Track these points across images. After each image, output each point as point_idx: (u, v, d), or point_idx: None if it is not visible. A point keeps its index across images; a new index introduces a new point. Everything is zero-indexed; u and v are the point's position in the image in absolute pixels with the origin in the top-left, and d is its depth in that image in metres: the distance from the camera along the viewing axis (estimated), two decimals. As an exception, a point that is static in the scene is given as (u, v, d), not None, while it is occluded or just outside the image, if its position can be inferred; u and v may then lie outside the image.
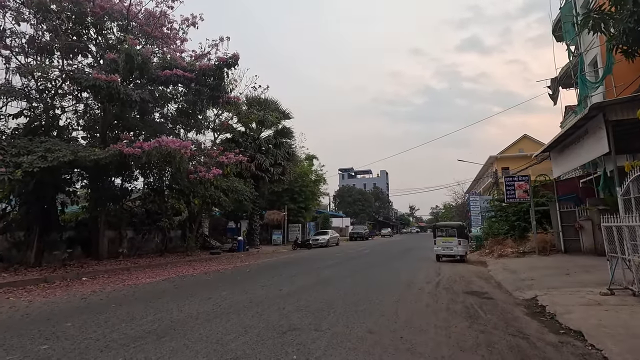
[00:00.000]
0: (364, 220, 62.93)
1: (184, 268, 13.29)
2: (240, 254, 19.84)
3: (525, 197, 14.91)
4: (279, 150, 23.54)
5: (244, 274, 11.48)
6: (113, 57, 11.39)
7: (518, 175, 15.69)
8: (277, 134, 24.26)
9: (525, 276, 9.48)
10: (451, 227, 15.20)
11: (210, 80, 13.25)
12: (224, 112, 20.43)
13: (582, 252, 13.76)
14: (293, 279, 9.99)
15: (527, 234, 17.21)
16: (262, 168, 22.25)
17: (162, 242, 19.65)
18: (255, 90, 21.17)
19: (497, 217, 18.99)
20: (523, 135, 50.42)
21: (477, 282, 9.45)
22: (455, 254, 14.55)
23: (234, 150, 16.44)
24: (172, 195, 17.26)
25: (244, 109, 21.62)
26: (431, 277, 10.19)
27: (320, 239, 27.85)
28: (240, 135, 22.95)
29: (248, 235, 24.00)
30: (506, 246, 16.47)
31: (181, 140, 10.98)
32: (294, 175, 30.27)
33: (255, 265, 14.18)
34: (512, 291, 7.84)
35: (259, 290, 8.16)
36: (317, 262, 14.93)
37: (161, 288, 8.82)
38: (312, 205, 32.36)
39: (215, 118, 18.47)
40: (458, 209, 70.50)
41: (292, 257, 18.74)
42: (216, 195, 15.61)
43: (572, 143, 12.27)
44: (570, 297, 6.66)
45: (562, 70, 19.59)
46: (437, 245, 14.90)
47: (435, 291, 7.99)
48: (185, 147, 10.78)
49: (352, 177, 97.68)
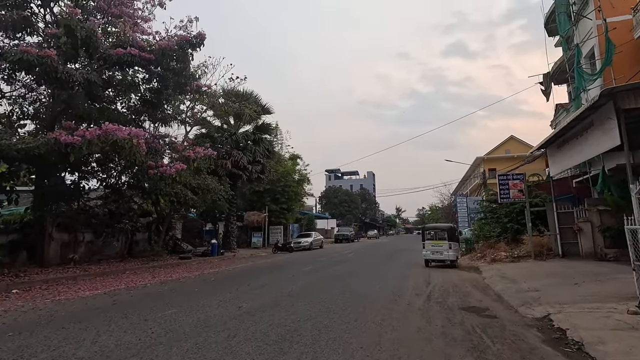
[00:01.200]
0: (350, 221, 61.71)
1: (141, 276, 11.67)
2: (214, 259, 18.23)
3: (521, 197, 13.84)
4: (258, 147, 22.01)
5: (206, 283, 9.96)
6: (54, 31, 9.74)
7: (512, 174, 14.62)
8: (256, 129, 22.71)
9: (528, 286, 8.28)
10: (441, 229, 13.99)
11: (174, 63, 11.70)
12: (198, 104, 18.86)
13: (581, 257, 12.73)
14: (261, 290, 8.54)
15: (520, 236, 16.20)
16: (240, 165, 20.69)
17: (126, 246, 17.91)
18: (232, 81, 19.62)
19: (488, 219, 17.94)
20: (510, 136, 50.18)
21: (473, 293, 8.19)
22: (445, 259, 13.35)
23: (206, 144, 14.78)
24: (135, 193, 15.56)
25: (221, 101, 20.07)
26: (421, 288, 8.89)
27: (302, 241, 26.39)
28: (216, 130, 21.33)
29: (224, 237, 22.37)
30: (499, 250, 15.38)
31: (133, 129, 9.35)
32: (277, 175, 28.81)
33: (224, 273, 12.64)
34: (517, 307, 6.59)
35: (214, 307, 6.68)
36: (294, 268, 13.51)
37: (96, 304, 7.25)
38: (295, 206, 30.88)
39: (187, 110, 16.85)
40: (444, 210, 70.08)
41: (270, 262, 17.25)
42: (183, 193, 14.01)
43: (573, 138, 11.20)
44: (592, 316, 5.43)
45: (555, 65, 18.74)
46: (426, 249, 13.67)
47: (426, 307, 6.67)
48: (136, 137, 9.20)
49: (338, 178, 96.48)
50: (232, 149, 20.87)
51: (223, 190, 18.46)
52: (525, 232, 16.09)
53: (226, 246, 21.86)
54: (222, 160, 20.40)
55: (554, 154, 13.11)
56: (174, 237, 19.82)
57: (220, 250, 19.81)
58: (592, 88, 14.31)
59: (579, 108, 12.90)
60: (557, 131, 11.54)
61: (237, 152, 20.77)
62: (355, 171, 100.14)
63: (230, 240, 22.13)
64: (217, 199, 17.97)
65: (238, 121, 22.31)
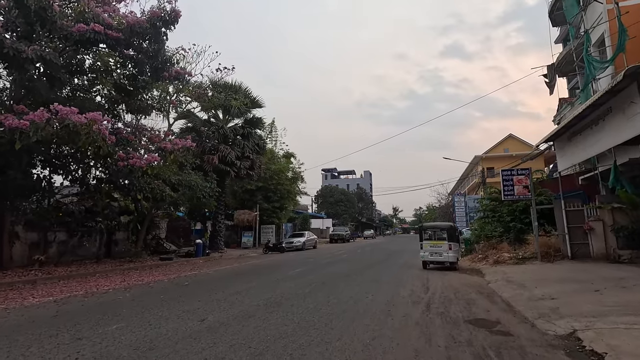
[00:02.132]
0: (346, 221, 60.67)
1: (109, 280, 10.53)
2: (198, 260, 17.09)
3: (526, 193, 12.81)
4: (247, 142, 20.86)
5: (176, 289, 8.84)
6: (3, 3, 8.61)
7: (517, 169, 13.60)
8: (246, 123, 21.56)
9: (540, 293, 7.24)
10: (440, 228, 12.94)
11: (147, 44, 10.57)
12: (182, 95, 17.71)
13: (592, 258, 11.73)
14: (236, 298, 7.44)
15: (524, 236, 15.16)
16: (227, 161, 19.55)
17: (104, 245, 16.74)
18: (220, 71, 18.43)
19: (490, 218, 16.90)
20: (508, 135, 49.30)
21: (478, 301, 7.13)
22: (445, 261, 12.30)
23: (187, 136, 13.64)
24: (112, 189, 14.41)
25: (209, 94, 18.94)
26: (418, 294, 7.82)
27: (295, 241, 25.29)
28: (203, 123, 20.17)
29: (211, 237, 21.22)
30: (502, 251, 14.35)
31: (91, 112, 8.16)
32: (269, 172, 27.69)
33: (202, 276, 11.53)
34: (534, 319, 5.53)
35: (172, 320, 5.58)
36: (281, 270, 12.42)
37: (34, 316, 6.12)
38: (288, 204, 29.75)
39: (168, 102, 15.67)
40: (442, 210, 69.19)
41: (257, 263, 16.14)
42: (160, 189, 12.85)
43: (586, 128, 10.19)
44: (632, 336, 4.37)
45: (560, 55, 17.72)
46: (424, 250, 12.61)
47: (425, 320, 5.60)
48: (96, 121, 8.06)
49: (335, 178, 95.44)
50: (220, 143, 19.73)
51: (209, 187, 17.34)
52: (530, 231, 15.09)
53: (213, 246, 20.73)
54: (208, 156, 19.29)
55: (563, 147, 12.09)
56: (157, 237, 18.66)
57: (206, 251, 18.66)
58: (603, 77, 13.32)
59: (587, 99, 11.90)
60: (569, 121, 10.52)
61: (225, 147, 19.64)
62: (352, 170, 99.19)
63: (217, 240, 20.98)
64: (201, 196, 16.84)
65: (227, 115, 21.17)
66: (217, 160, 19.21)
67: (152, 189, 12.54)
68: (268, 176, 27.74)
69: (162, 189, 12.85)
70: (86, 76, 13.17)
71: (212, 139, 19.45)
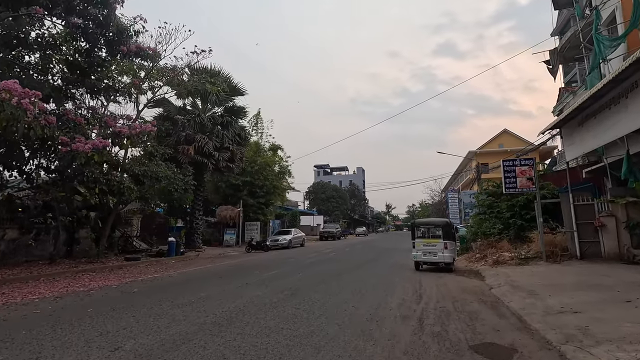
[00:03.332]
0: (338, 218, 59.38)
1: (51, 286, 8.97)
2: (169, 260, 15.55)
3: (530, 186, 11.51)
4: (226, 132, 19.28)
5: (116, 299, 7.32)
6: None
7: (520, 159, 12.28)
8: (226, 112, 19.95)
9: (557, 304, 5.89)
10: (435, 225, 11.57)
11: (91, 8, 8.98)
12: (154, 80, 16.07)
13: (603, 258, 10.48)
14: (181, 311, 5.97)
15: (525, 233, 13.90)
16: (204, 152, 17.98)
17: (65, 244, 15.12)
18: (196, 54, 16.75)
19: (488, 214, 15.63)
20: (503, 130, 48.38)
21: (483, 314, 5.76)
22: (439, 261, 10.94)
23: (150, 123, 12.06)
24: (48, 179, 12.81)
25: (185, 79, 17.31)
26: (409, 305, 6.43)
27: (280, 239, 23.81)
28: (178, 111, 18.54)
29: (187, 235, 19.66)
30: (502, 250, 13.06)
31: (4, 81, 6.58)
32: (256, 166, 26.16)
33: (162, 280, 10.02)
34: (560, 344, 4.16)
35: (71, 351, 4.10)
36: (254, 273, 10.97)
37: None
38: (274, 200, 28.26)
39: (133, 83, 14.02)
40: (435, 207, 68.19)
41: (234, 263, 14.66)
42: (117, 181, 11.28)
43: (603, 109, 8.85)
44: None
45: (565, 39, 16.43)
46: (417, 249, 11.24)
47: (418, 344, 4.20)
48: (10, 92, 6.44)
49: (327, 174, 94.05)
50: (197, 133, 18.13)
51: (182, 179, 15.78)
52: (532, 229, 13.84)
53: (190, 245, 19.18)
54: (183, 146, 17.71)
55: (571, 134, 10.78)
56: (126, 235, 17.06)
57: (181, 250, 17.11)
58: (614, 57, 12.04)
59: (596, 82, 10.59)
60: (583, 102, 9.18)
61: (202, 136, 18.05)
62: (344, 167, 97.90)
63: (195, 238, 19.42)
64: (173, 190, 15.28)
65: (204, 102, 19.57)
66: (192, 151, 17.63)
67: (109, 180, 10.97)
68: (254, 170, 26.24)
69: (119, 180, 11.28)
70: (39, 53, 11.53)
71: (188, 128, 17.84)
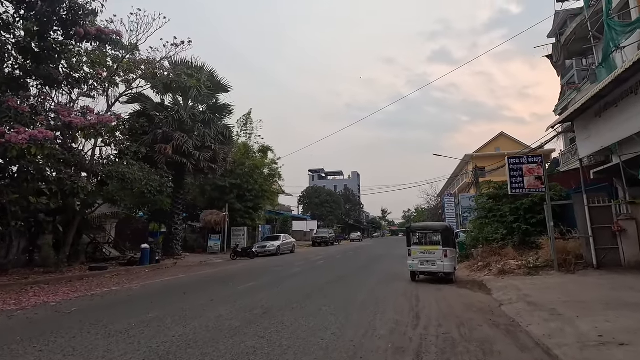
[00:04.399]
0: (332, 223, 57.97)
1: (-22, 302, 7.55)
2: (142, 269, 14.11)
3: (539, 186, 10.28)
4: (208, 130, 17.94)
5: (36, 324, 5.92)
6: None
7: (527, 155, 11.07)
8: (208, 109, 18.60)
9: (592, 330, 4.61)
10: (433, 230, 10.28)
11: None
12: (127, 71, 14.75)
13: (624, 267, 9.25)
14: (105, 343, 4.60)
15: (531, 239, 12.69)
16: (183, 152, 16.62)
17: (24, 252, 13.64)
18: (176, 47, 15.46)
19: (490, 218, 14.39)
20: (500, 133, 47.55)
21: (499, 344, 4.45)
22: (438, 271, 9.64)
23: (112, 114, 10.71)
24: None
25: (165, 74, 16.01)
26: (404, 329, 5.12)
27: (268, 245, 22.40)
28: (155, 107, 17.19)
29: (165, 241, 18.21)
30: (506, 257, 11.82)
31: None
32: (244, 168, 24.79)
33: (118, 294, 8.62)
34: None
35: None
36: (230, 285, 9.62)
37: None
38: (263, 204, 26.87)
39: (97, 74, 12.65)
40: (431, 211, 67.07)
41: (211, 273, 13.26)
42: (70, 181, 9.88)
43: (624, 96, 7.68)
44: None
45: (570, 30, 15.36)
46: (413, 258, 9.94)
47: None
48: None
49: (322, 179, 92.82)
50: (175, 131, 16.78)
51: (157, 180, 14.42)
52: (538, 234, 12.63)
53: (169, 252, 17.72)
54: (160, 145, 16.33)
55: (587, 127, 9.59)
56: (95, 242, 15.59)
57: (157, 258, 15.66)
58: (628, 45, 10.94)
59: (608, 74, 9.47)
60: (601, 89, 7.99)
61: (181, 134, 16.69)
62: (339, 171, 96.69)
63: (173, 245, 17.95)
64: (144, 191, 13.88)
65: (186, 99, 18.22)
66: (171, 150, 16.26)
67: (60, 179, 9.58)
68: (243, 172, 24.88)
69: (73, 180, 9.89)
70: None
71: (166, 125, 16.48)
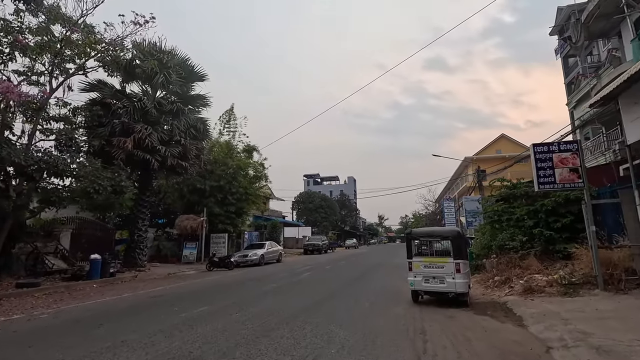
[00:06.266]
0: (327, 229, 55.52)
1: None
2: (88, 284, 11.74)
3: (575, 180, 8.08)
4: (177, 122, 15.64)
5: None
6: None
7: (559, 142, 8.86)
8: (179, 98, 16.30)
9: None
10: (441, 236, 7.96)
11: None
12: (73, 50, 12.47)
13: (692, 286, 7.02)
14: None
15: (556, 247, 10.48)
16: (147, 146, 14.30)
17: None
18: (139, 25, 13.19)
19: (505, 222, 12.15)
20: (500, 135, 45.71)
21: None
22: (449, 291, 7.34)
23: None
24: None
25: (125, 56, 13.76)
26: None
27: (250, 254, 19.99)
28: (113, 95, 14.86)
29: (127, 250, 15.81)
30: (529, 270, 9.56)
31: None
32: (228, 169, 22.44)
33: (12, 327, 6.25)
34: None
35: None
36: (173, 310, 7.28)
37: None
38: (247, 208, 24.48)
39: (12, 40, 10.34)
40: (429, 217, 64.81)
41: (167, 290, 10.88)
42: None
43: None
44: None
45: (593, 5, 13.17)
46: (415, 273, 7.64)
47: None
48: None
49: (318, 184, 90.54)
50: (137, 122, 14.47)
51: (109, 178, 12.11)
52: (564, 240, 10.42)
53: (130, 262, 15.30)
54: (119, 138, 14.01)
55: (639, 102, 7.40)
56: (36, 251, 13.15)
57: (111, 270, 13.25)
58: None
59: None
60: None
61: (144, 126, 14.38)
62: (335, 176, 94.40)
63: (136, 254, 15.50)
64: (92, 192, 11.56)
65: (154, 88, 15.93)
66: (131, 144, 13.94)
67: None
68: (224, 173, 22.53)
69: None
70: None
71: (125, 115, 14.17)
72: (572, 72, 34.51)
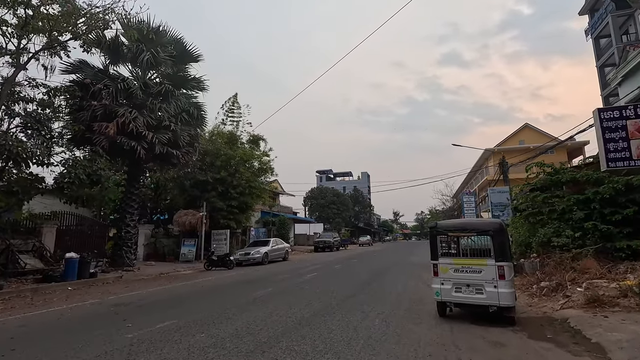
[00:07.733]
0: (339, 226, 53.65)
1: None
2: (59, 287, 10.31)
3: (660, 154, 6.01)
4: (166, 104, 14.07)
5: None
6: None
7: (635, 105, 6.78)
8: (169, 80, 14.70)
9: None
10: (478, 230, 5.98)
11: None
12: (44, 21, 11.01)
13: None
14: None
15: (615, 244, 8.40)
16: (131, 132, 12.78)
17: None
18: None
19: (547, 214, 10.08)
20: (524, 124, 42.87)
21: None
22: (489, 303, 5.43)
23: None
24: None
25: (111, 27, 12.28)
26: None
27: (253, 252, 18.39)
28: (94, 75, 13.38)
29: (115, 248, 14.38)
30: (587, 273, 7.52)
31: None
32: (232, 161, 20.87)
33: None
34: None
35: None
36: (126, 327, 5.64)
37: None
38: (251, 203, 22.86)
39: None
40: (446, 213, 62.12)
41: (145, 294, 9.31)
42: None
43: None
44: None
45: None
46: (443, 279, 5.77)
47: None
48: None
49: (330, 180, 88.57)
50: (121, 105, 12.97)
51: (82, 166, 10.64)
52: (626, 237, 8.35)
53: (118, 261, 13.87)
54: (100, 123, 12.52)
55: None
56: (10, 249, 11.82)
57: (91, 270, 11.82)
58: None
59: None
60: None
61: (128, 110, 12.86)
62: (348, 172, 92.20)
63: (124, 252, 14.03)
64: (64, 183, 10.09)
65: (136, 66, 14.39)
66: (114, 129, 12.43)
67: None
68: (225, 164, 20.98)
69: None
70: None
71: (107, 98, 12.66)
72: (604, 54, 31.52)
